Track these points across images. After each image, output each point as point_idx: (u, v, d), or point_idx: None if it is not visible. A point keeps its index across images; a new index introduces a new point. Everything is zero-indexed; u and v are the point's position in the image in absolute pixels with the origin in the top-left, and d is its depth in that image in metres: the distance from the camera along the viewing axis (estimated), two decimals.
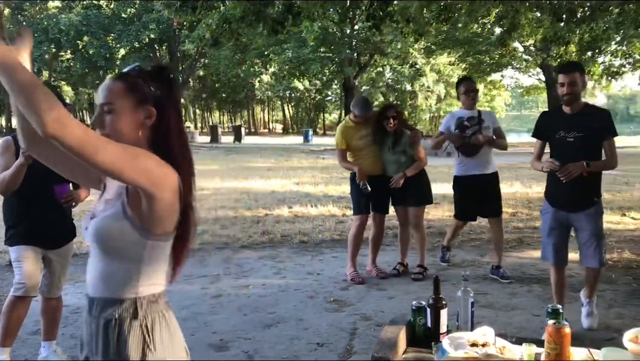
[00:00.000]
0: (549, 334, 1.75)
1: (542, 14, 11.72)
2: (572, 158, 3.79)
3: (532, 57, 27.62)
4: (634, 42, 15.02)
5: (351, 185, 5.65)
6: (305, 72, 27.92)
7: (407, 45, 22.90)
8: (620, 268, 5.85)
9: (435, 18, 10.58)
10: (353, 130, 5.49)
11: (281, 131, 58.67)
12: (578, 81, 3.81)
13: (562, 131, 3.90)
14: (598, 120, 3.87)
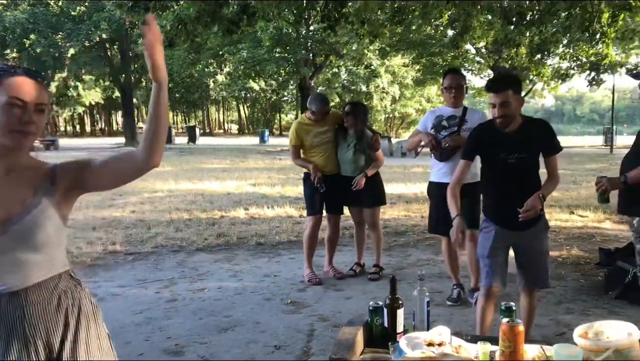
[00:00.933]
0: (503, 332, 1.77)
1: (493, 17, 11.99)
2: (516, 182, 3.36)
3: (484, 59, 28.21)
4: (580, 45, 15.51)
5: (304, 185, 5.60)
6: (260, 72, 27.78)
7: (362, 46, 23.08)
8: (569, 265, 6.03)
9: (390, 20, 10.68)
10: (308, 127, 5.45)
11: (237, 132, 58.28)
12: (511, 100, 3.18)
13: (502, 152, 3.33)
14: (541, 137, 3.36)
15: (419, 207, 9.87)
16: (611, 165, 17.67)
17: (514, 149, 3.29)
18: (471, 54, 28.42)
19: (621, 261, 5.13)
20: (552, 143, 3.39)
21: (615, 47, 18.18)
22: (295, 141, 5.46)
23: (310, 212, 5.62)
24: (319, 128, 5.43)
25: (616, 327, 1.87)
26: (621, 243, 6.22)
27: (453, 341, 2.01)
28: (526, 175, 3.38)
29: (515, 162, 3.31)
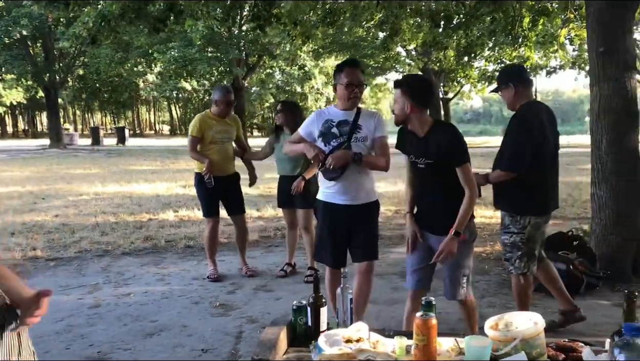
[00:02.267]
0: (417, 326, 1.80)
1: (422, 20, 12.26)
2: (427, 186, 3.40)
3: (414, 61, 28.88)
4: (504, 48, 16.12)
5: (199, 187, 5.56)
6: (192, 72, 27.23)
7: (295, 47, 23.08)
8: (493, 260, 6.24)
9: (321, 21, 10.75)
10: (211, 121, 5.45)
11: (168, 132, 57.03)
12: (398, 100, 3.25)
13: (412, 155, 3.38)
14: (446, 145, 3.22)
15: None
16: None
17: (421, 154, 3.28)
18: (402, 56, 29.04)
19: None
20: (454, 153, 3.22)
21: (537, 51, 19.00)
22: (196, 132, 5.40)
23: (206, 214, 5.63)
24: (221, 126, 5.45)
25: (524, 317, 1.95)
26: None
27: (371, 337, 2.03)
28: (437, 181, 3.31)
29: (424, 166, 3.30)
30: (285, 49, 25.82)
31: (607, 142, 5.32)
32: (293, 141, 3.90)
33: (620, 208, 5.32)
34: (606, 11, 5.26)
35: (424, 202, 3.47)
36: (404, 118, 3.26)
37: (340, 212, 3.70)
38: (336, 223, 3.75)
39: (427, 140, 3.26)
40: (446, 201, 3.29)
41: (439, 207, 3.34)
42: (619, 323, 3.54)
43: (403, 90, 3.22)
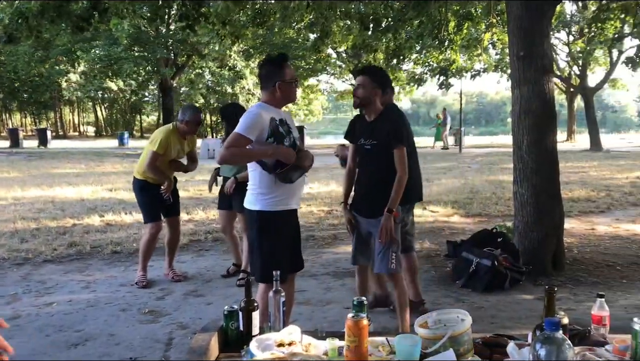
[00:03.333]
0: (348, 327, 1.81)
1: (351, 22, 12.41)
2: (370, 166, 3.74)
3: (344, 63, 29.21)
4: (431, 51, 16.55)
5: (141, 194, 5.46)
6: (118, 71, 26.38)
7: (224, 47, 22.83)
8: (422, 258, 6.38)
9: (251, 21, 10.69)
10: (176, 140, 5.36)
11: (94, 134, 54.96)
12: (366, 85, 3.65)
13: (362, 138, 3.76)
14: (388, 128, 3.63)
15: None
16: (460, 163, 19.09)
17: (369, 136, 3.69)
18: (333, 58, 29.29)
19: (465, 252, 5.53)
20: (392, 136, 3.60)
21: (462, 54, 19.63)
22: (161, 149, 5.24)
23: (150, 220, 5.51)
24: (183, 146, 5.43)
25: (451, 315, 2.00)
26: (467, 235, 6.70)
27: (304, 339, 2.02)
28: (378, 161, 3.67)
29: (370, 147, 3.69)
30: (214, 48, 25.47)
31: (527, 142, 5.56)
32: (240, 146, 3.28)
33: (540, 205, 5.58)
34: (525, 17, 5.50)
35: (363, 185, 3.82)
36: (367, 101, 3.68)
37: (294, 216, 3.62)
38: (290, 229, 3.57)
39: (376, 122, 3.70)
40: (383, 184, 3.63)
41: (377, 190, 3.67)
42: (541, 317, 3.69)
43: (372, 77, 3.69)
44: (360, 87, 3.70)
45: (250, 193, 3.45)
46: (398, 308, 3.85)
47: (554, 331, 1.46)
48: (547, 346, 1.44)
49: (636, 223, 8.27)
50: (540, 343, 1.47)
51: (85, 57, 25.40)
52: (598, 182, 13.06)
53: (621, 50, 25.66)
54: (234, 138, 3.26)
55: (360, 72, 3.86)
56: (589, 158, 20.13)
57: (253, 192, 3.43)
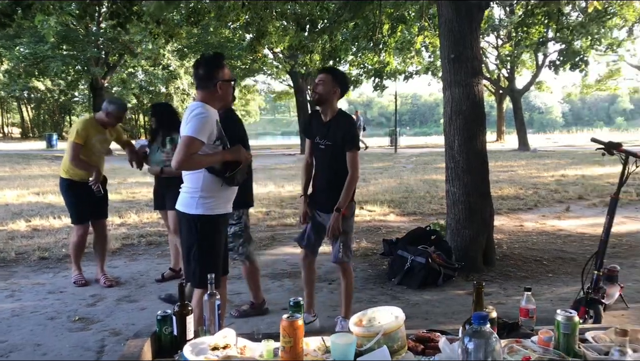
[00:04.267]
0: (283, 328, 1.80)
1: (287, 23, 12.39)
2: (325, 165, 3.99)
3: (281, 63, 29.14)
4: (366, 54, 16.77)
5: (67, 194, 5.33)
6: (45, 70, 25.27)
7: (158, 46, 22.31)
8: (359, 257, 6.45)
9: (185, 20, 10.48)
10: (96, 129, 5.21)
11: (19, 136, 52.45)
12: (327, 82, 3.83)
13: (318, 137, 3.98)
14: (342, 130, 3.86)
15: None
16: (395, 163, 19.44)
17: (324, 136, 3.91)
18: (269, 59, 29.17)
19: (401, 250, 5.63)
20: (348, 139, 3.84)
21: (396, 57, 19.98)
22: (79, 139, 5.08)
23: (77, 221, 5.38)
24: (105, 135, 5.27)
25: (385, 312, 2.03)
26: (402, 233, 6.81)
27: (238, 342, 1.99)
28: (333, 161, 3.89)
29: (324, 147, 3.92)
30: (147, 47, 24.85)
31: (459, 142, 5.72)
32: (196, 150, 3.10)
33: (471, 203, 5.75)
34: (456, 21, 5.66)
35: (319, 181, 4.05)
36: (325, 98, 3.86)
37: (227, 219, 3.61)
38: (225, 232, 3.59)
39: (330, 124, 3.91)
40: (336, 181, 3.87)
41: (330, 187, 3.91)
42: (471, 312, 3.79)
43: (333, 76, 3.89)
44: (321, 83, 3.86)
45: (189, 196, 3.30)
46: (343, 297, 4.13)
47: (481, 325, 1.50)
48: (476, 340, 1.49)
49: (561, 220, 8.66)
50: (469, 337, 1.51)
51: (9, 55, 24.15)
52: (526, 180, 13.60)
53: (546, 54, 26.86)
54: (189, 142, 3.07)
55: (323, 70, 4.04)
56: (517, 157, 20.94)
57: (192, 195, 3.28)
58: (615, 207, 3.97)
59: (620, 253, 6.44)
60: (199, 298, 3.29)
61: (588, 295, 3.92)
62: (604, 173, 14.35)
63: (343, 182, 3.86)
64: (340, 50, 13.81)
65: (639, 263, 6.01)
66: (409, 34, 15.64)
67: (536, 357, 1.74)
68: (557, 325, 1.85)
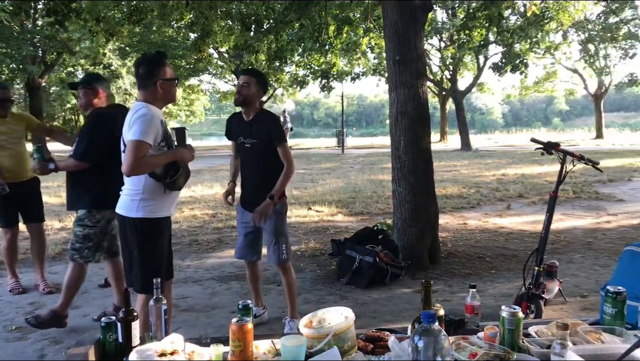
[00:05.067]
0: (233, 332, 1.77)
1: (233, 23, 12.28)
2: (252, 164, 4.03)
3: (226, 63, 28.87)
4: (312, 54, 16.82)
5: None
6: None
7: (97, 45, 21.67)
8: (307, 257, 6.46)
9: (127, 18, 10.22)
10: None
11: None
12: (251, 85, 3.90)
13: (241, 137, 4.03)
14: (267, 127, 3.93)
15: None
16: (342, 164, 19.57)
17: (248, 135, 3.96)
18: (214, 58, 28.85)
19: (349, 250, 5.66)
20: (275, 135, 3.93)
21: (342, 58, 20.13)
22: None
23: (4, 225, 5.17)
24: (2, 126, 4.90)
25: (335, 313, 2.03)
26: (350, 233, 6.86)
27: (186, 347, 1.95)
28: (261, 160, 3.94)
29: (250, 146, 3.97)
30: (87, 46, 24.09)
31: (404, 143, 5.81)
32: (145, 154, 3.03)
33: (417, 203, 5.84)
34: (400, 23, 5.74)
35: (249, 183, 4.08)
36: (250, 100, 3.92)
37: (170, 222, 3.52)
38: (168, 235, 3.51)
39: (253, 122, 3.96)
40: (266, 180, 3.93)
41: (260, 186, 3.94)
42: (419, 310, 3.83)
43: (257, 78, 3.97)
44: (245, 85, 3.91)
45: (130, 198, 3.21)
46: (288, 297, 4.15)
47: (430, 323, 1.52)
48: (425, 338, 1.51)
49: (503, 217, 8.93)
50: (418, 335, 1.53)
51: None
52: (469, 179, 13.95)
53: (487, 57, 27.65)
54: (138, 146, 2.98)
55: (246, 72, 4.06)
56: (460, 157, 21.46)
57: (133, 198, 3.20)
58: (554, 205, 4.12)
59: (558, 249, 6.69)
60: (143, 304, 3.23)
61: (529, 291, 4.05)
62: (543, 172, 14.89)
63: (273, 180, 3.93)
64: (286, 51, 13.79)
65: (576, 259, 6.25)
66: (355, 36, 15.79)
67: (482, 353, 1.78)
68: (502, 320, 1.90)
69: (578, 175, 13.40)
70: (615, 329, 1.96)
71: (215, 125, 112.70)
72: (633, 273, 2.35)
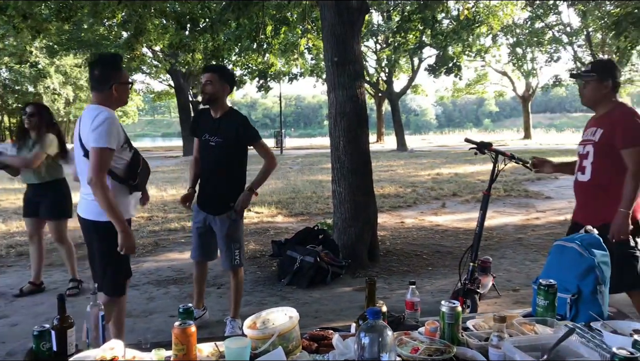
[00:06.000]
0: (176, 336, 1.74)
1: (167, 21, 12.03)
2: (214, 162, 3.92)
3: (161, 62, 28.25)
4: (250, 54, 16.72)
5: None
6: None
7: (23, 42, 20.75)
8: (248, 259, 6.39)
9: (55, 15, 9.83)
10: None
11: None
12: (214, 82, 3.85)
13: (207, 134, 3.93)
14: (238, 127, 3.88)
15: None
16: (281, 164, 19.54)
17: (215, 133, 3.88)
18: (148, 57, 28.18)
19: (290, 250, 5.67)
20: (249, 133, 3.89)
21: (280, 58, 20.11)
22: None
23: None
24: None
25: (279, 313, 2.02)
26: (290, 234, 6.86)
27: (127, 353, 1.90)
28: (224, 158, 3.87)
29: (214, 144, 3.88)
30: (12, 43, 23.03)
31: (344, 143, 5.86)
32: (109, 162, 3.05)
33: (357, 202, 5.91)
34: (338, 24, 5.79)
35: (209, 182, 3.98)
36: (215, 97, 3.87)
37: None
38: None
39: (221, 120, 3.90)
40: (225, 181, 3.91)
41: (222, 187, 3.91)
42: (361, 307, 3.88)
43: (220, 74, 3.90)
44: (209, 83, 3.85)
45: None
46: (233, 298, 4.10)
47: (376, 320, 1.55)
48: (371, 335, 1.53)
49: (438, 215, 9.17)
50: (364, 332, 1.55)
51: None
52: (405, 179, 14.25)
53: (421, 59, 28.30)
54: (102, 153, 2.96)
55: (209, 69, 3.98)
56: (396, 157, 21.89)
57: None
58: (487, 202, 4.26)
59: (491, 245, 6.93)
60: (122, 308, 3.39)
61: (465, 286, 4.17)
62: (475, 171, 15.39)
63: (235, 180, 3.94)
64: (223, 50, 13.65)
65: (508, 254, 6.50)
66: (293, 36, 15.81)
67: (424, 347, 1.82)
68: (442, 315, 1.95)
69: (508, 174, 13.94)
70: (548, 320, 2.05)
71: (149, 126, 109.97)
72: (562, 267, 2.46)
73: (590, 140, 3.30)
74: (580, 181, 3.36)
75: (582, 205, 3.42)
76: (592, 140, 3.27)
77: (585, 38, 27.58)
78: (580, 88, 3.51)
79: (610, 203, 3.14)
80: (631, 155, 3.10)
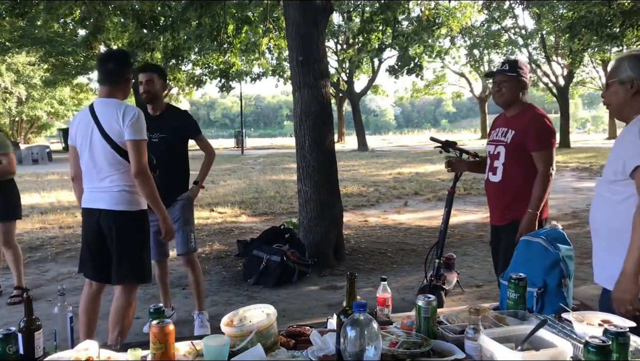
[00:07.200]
0: (154, 334, 1.72)
1: (127, 19, 11.82)
2: (158, 158, 3.79)
3: None
4: (210, 53, 16.58)
5: None
6: None
7: None
8: (212, 260, 6.36)
9: (8, 11, 9.54)
10: None
11: None
12: (155, 81, 3.95)
13: (147, 132, 3.77)
14: (181, 121, 4.05)
15: (57, 217, 9.12)
16: (243, 164, 19.45)
17: (156, 130, 3.89)
18: None
19: (256, 250, 5.65)
20: (190, 127, 4.07)
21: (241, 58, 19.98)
22: None
23: None
24: None
25: (256, 310, 2.03)
26: (255, 234, 6.85)
27: (102, 354, 1.87)
28: (168, 153, 3.90)
29: (157, 140, 3.90)
30: None
31: (309, 142, 5.88)
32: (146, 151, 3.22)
33: (322, 201, 5.94)
34: (303, 24, 5.80)
35: (156, 180, 3.79)
36: (158, 96, 3.98)
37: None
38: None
39: (162, 117, 3.99)
40: (172, 177, 3.93)
41: (169, 181, 3.87)
42: (329, 305, 3.91)
43: (159, 73, 4.01)
44: (150, 82, 3.93)
45: (126, 192, 3.20)
46: (195, 290, 4.18)
47: (360, 313, 1.57)
48: (357, 328, 1.55)
49: (401, 214, 9.28)
50: (349, 325, 1.57)
51: None
52: (367, 178, 14.38)
53: (381, 60, 28.59)
54: (144, 146, 3.17)
55: (148, 68, 4.07)
56: (357, 157, 22.06)
57: (130, 191, 3.21)
58: (452, 200, 4.35)
59: (453, 242, 7.06)
60: (133, 296, 3.49)
61: (431, 282, 4.25)
62: (435, 170, 15.65)
63: (180, 173, 4.10)
64: (183, 49, 13.50)
65: (470, 251, 6.64)
66: (254, 36, 15.74)
67: (402, 341, 1.85)
68: (418, 309, 1.99)
69: (469, 173, 14.20)
70: (518, 313, 2.12)
71: None
72: (528, 261, 2.53)
73: (501, 140, 3.37)
74: (492, 181, 3.45)
75: (495, 207, 3.51)
76: (504, 141, 3.35)
77: (540, 40, 28.36)
78: (493, 87, 3.50)
79: (521, 202, 3.25)
80: (542, 157, 3.21)
